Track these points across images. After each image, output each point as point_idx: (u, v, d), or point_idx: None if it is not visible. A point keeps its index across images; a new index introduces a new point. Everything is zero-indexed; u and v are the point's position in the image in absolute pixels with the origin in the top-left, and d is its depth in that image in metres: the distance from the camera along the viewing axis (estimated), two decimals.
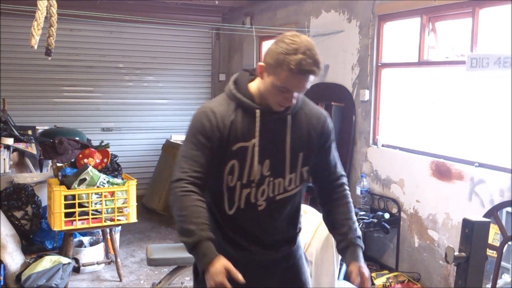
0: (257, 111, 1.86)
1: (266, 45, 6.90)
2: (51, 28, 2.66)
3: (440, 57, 4.17)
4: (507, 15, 3.49)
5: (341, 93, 5.06)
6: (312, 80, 1.80)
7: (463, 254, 1.82)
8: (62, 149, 5.02)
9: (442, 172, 3.91)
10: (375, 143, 4.66)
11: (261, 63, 1.83)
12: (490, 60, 3.41)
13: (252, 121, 1.87)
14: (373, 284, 4.00)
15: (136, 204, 4.32)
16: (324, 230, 2.84)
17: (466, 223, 1.83)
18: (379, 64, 4.63)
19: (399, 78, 4.71)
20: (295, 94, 1.81)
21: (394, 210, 4.39)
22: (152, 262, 3.71)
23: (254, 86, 1.91)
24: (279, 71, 1.75)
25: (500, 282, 3.38)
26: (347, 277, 4.05)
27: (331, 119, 2.05)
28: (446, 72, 4.26)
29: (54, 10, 2.67)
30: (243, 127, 1.86)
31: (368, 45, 4.68)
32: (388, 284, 3.93)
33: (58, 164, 4.51)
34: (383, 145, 4.61)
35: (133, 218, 4.30)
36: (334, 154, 2.05)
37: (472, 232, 1.82)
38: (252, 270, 1.93)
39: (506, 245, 3.35)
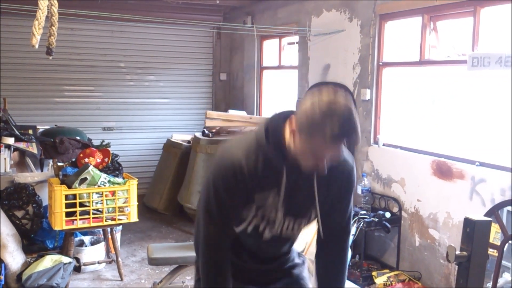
0: (284, 172, 1.76)
1: (267, 44, 6.90)
2: (52, 27, 2.66)
3: (441, 57, 4.17)
4: (508, 14, 3.48)
5: None
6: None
7: (464, 253, 1.82)
8: (63, 149, 5.03)
9: (443, 171, 3.91)
10: (376, 142, 4.66)
11: (293, 121, 1.68)
12: (491, 59, 3.41)
13: (277, 173, 1.77)
14: (374, 283, 4.01)
15: (137, 203, 4.32)
16: None
17: (467, 222, 1.83)
18: (380, 63, 4.63)
19: (400, 77, 4.70)
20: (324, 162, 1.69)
21: (395, 209, 4.39)
22: (153, 262, 3.71)
23: (288, 140, 1.73)
24: (313, 138, 1.61)
25: (501, 281, 3.38)
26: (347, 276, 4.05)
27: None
28: (447, 71, 4.26)
29: (55, 9, 2.67)
30: (268, 178, 1.78)
31: (369, 44, 4.67)
32: (389, 283, 3.93)
33: (59, 164, 4.51)
34: (384, 144, 4.61)
35: (134, 217, 4.30)
36: (351, 205, 1.97)
37: (473, 231, 1.81)
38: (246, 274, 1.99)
39: (507, 244, 3.35)
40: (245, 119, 5.95)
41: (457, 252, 1.82)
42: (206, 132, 5.88)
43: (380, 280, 3.98)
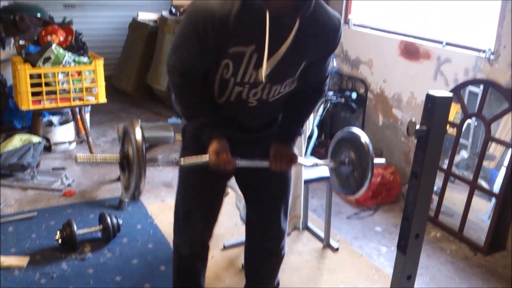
0: (267, 15, 1.68)
1: None
2: None
3: None
4: None
5: None
6: None
7: (424, 127, 1.89)
8: (23, 26, 4.80)
9: (410, 52, 3.94)
10: (346, 22, 4.61)
11: None
12: None
13: (257, 25, 1.70)
14: None
15: (104, 84, 4.27)
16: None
17: (429, 98, 1.88)
18: None
19: None
20: None
21: (362, 90, 4.47)
22: None
23: None
24: None
25: (457, 158, 3.58)
26: (312, 153, 4.21)
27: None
28: None
29: None
30: (245, 30, 1.72)
31: None
32: None
33: (21, 42, 4.35)
34: (354, 25, 4.57)
35: (102, 98, 4.27)
36: (328, 64, 2.00)
37: (434, 107, 1.88)
38: (234, 143, 1.96)
39: (466, 123, 3.50)
40: None
41: (417, 127, 1.89)
42: (174, 11, 5.68)
43: None
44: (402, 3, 4.30)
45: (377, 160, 1.99)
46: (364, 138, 1.99)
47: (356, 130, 2.03)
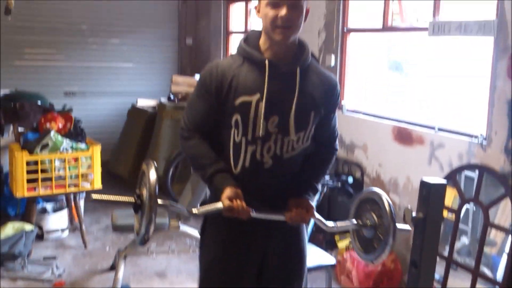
0: (266, 62, 1.86)
1: (234, 8, 6.80)
2: None
3: (404, 23, 4.20)
4: None
5: None
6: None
7: (420, 214, 1.88)
8: (23, 114, 4.89)
9: (403, 137, 3.99)
10: (340, 108, 4.71)
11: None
12: (451, 26, 3.45)
13: (259, 75, 1.87)
14: (336, 247, 4.11)
15: (101, 170, 4.28)
16: None
17: (423, 185, 1.88)
18: (345, 29, 4.63)
19: (364, 44, 4.73)
20: (288, 15, 1.81)
21: (358, 175, 4.47)
22: (117, 228, 3.71)
23: (262, 39, 1.92)
24: None
25: (458, 244, 3.51)
26: (310, 240, 4.14)
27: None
28: (410, 38, 4.30)
29: None
30: (248, 81, 1.86)
31: (334, 10, 4.66)
32: (351, 246, 4.04)
33: (20, 129, 4.41)
34: (347, 110, 4.66)
35: (98, 184, 4.26)
36: (336, 122, 2.09)
37: (429, 194, 1.87)
38: (252, 226, 1.94)
39: (464, 208, 3.47)
40: None
41: (414, 214, 1.87)
42: (172, 97, 5.82)
43: (342, 244, 4.08)
44: (394, 89, 4.43)
45: (401, 226, 1.92)
46: (387, 200, 1.94)
47: (378, 190, 1.99)
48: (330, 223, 2.04)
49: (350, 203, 4.52)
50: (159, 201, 1.76)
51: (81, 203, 4.72)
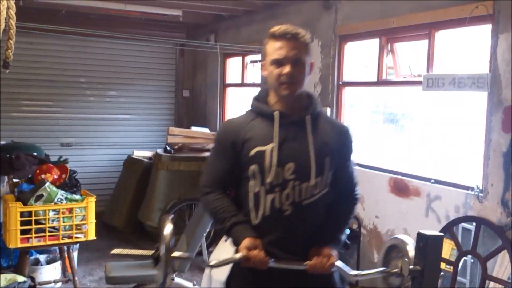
0: (275, 113, 1.96)
1: (230, 62, 6.95)
2: (10, 41, 2.63)
3: (398, 77, 4.29)
4: (462, 37, 3.63)
5: None
6: (296, 48, 1.95)
7: (417, 267, 1.86)
8: (19, 165, 4.88)
9: (400, 189, 3.99)
10: None
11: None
12: (445, 80, 3.53)
13: (270, 126, 1.96)
14: None
15: (95, 221, 4.24)
16: None
17: (420, 237, 1.88)
18: (340, 82, 4.72)
19: (359, 97, 4.81)
20: (291, 71, 1.92)
21: (355, 226, 4.45)
22: (111, 280, 3.64)
23: (271, 95, 2.05)
24: (267, 47, 2.00)
25: None
26: None
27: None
28: (404, 92, 4.38)
29: (12, 22, 2.63)
30: (261, 133, 1.96)
31: (329, 64, 4.77)
32: None
33: (15, 180, 4.39)
34: None
35: (92, 235, 4.20)
36: (353, 169, 2.12)
37: (426, 246, 1.86)
38: (279, 278, 1.95)
39: (462, 260, 3.44)
40: (208, 136, 5.96)
41: (411, 267, 1.86)
42: (168, 148, 5.84)
43: None
44: (389, 141, 4.47)
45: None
46: (413, 245, 1.92)
47: (404, 237, 1.97)
48: (353, 272, 2.00)
49: (348, 255, 4.49)
50: (175, 254, 1.82)
51: (75, 255, 4.65)
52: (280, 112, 1.97)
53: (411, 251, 1.93)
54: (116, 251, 1.77)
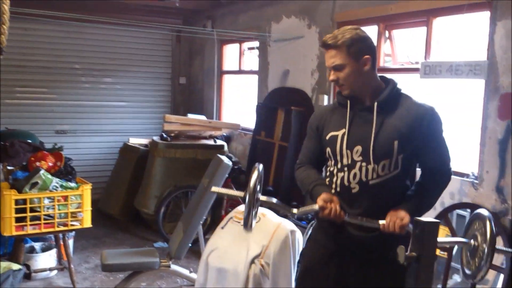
0: (348, 102, 2.19)
1: (228, 48, 6.91)
2: (3, 25, 2.59)
3: (396, 64, 4.27)
4: (460, 24, 3.61)
5: (301, 98, 5.11)
6: (334, 56, 2.12)
7: (413, 253, 1.86)
8: (13, 152, 4.86)
9: None
10: None
11: None
12: (442, 67, 3.52)
13: (345, 114, 2.19)
14: None
15: (91, 208, 4.23)
16: (281, 232, 2.85)
17: (417, 223, 1.87)
18: None
19: None
20: (333, 75, 2.14)
21: None
22: (107, 268, 3.63)
23: None
24: None
25: (450, 282, 3.48)
26: None
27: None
28: (401, 79, 4.36)
29: (6, 7, 2.60)
30: (337, 120, 2.22)
31: None
32: None
33: (9, 168, 4.37)
34: None
35: (87, 223, 4.20)
36: (443, 149, 2.21)
37: (422, 232, 1.86)
38: (347, 252, 2.22)
39: (456, 246, 3.45)
40: (204, 123, 5.93)
41: (407, 253, 1.86)
42: (165, 136, 5.82)
43: None
44: None
45: (501, 247, 1.95)
46: (489, 220, 1.92)
47: (484, 212, 1.97)
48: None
49: None
50: (260, 197, 2.10)
51: (70, 242, 4.65)
52: (351, 102, 2.17)
53: (488, 225, 1.91)
54: (215, 189, 2.40)
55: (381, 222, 2.07)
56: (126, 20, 6.14)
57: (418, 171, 2.26)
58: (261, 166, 2.13)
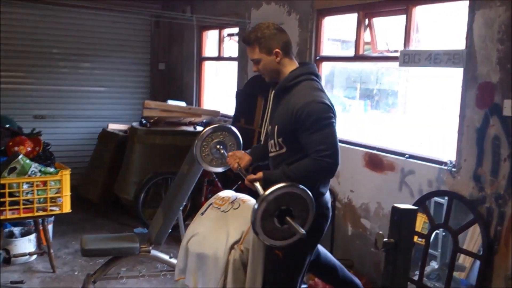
0: (271, 86, 2.70)
1: (207, 35, 6.86)
2: None
3: (375, 53, 4.30)
4: (439, 13, 3.65)
5: None
6: (250, 52, 2.60)
7: (391, 240, 1.90)
8: None
9: (374, 163, 4.05)
10: None
11: None
12: (421, 56, 3.56)
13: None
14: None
15: (70, 194, 4.20)
16: None
17: (395, 210, 1.91)
18: (318, 57, 4.72)
19: (337, 73, 4.83)
20: (255, 67, 2.60)
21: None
22: (87, 253, 3.63)
23: None
24: None
25: (428, 269, 3.56)
26: None
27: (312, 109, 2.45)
28: (381, 67, 4.41)
29: None
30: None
31: (307, 39, 4.75)
32: None
33: None
34: None
35: (67, 208, 4.18)
36: (312, 140, 2.44)
37: (400, 219, 1.90)
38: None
39: (434, 233, 3.52)
40: (184, 110, 5.91)
41: (385, 239, 1.90)
42: (144, 122, 5.78)
43: None
44: (365, 116, 4.51)
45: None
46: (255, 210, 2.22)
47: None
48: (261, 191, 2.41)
49: None
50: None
51: (50, 227, 4.62)
52: (273, 86, 2.66)
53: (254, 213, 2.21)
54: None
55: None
56: (104, 3, 6.05)
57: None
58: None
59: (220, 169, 3.14)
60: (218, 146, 3.02)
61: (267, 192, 2.15)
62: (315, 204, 2.38)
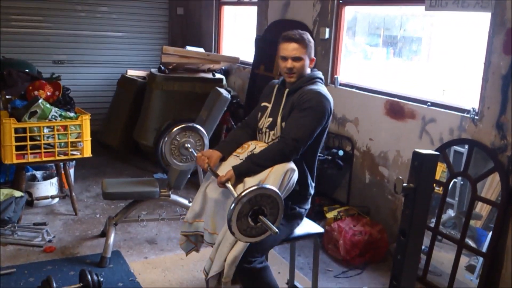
0: (276, 86, 2.84)
1: None
2: None
3: None
4: None
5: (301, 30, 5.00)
6: (296, 49, 2.65)
7: (411, 185, 1.89)
8: (11, 81, 4.83)
9: (395, 111, 4.00)
10: (333, 82, 4.69)
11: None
12: (448, 0, 3.43)
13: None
14: (325, 217, 4.15)
15: (90, 139, 4.25)
16: (280, 168, 2.85)
17: (416, 155, 1.89)
18: (341, 1, 4.58)
19: (360, 18, 4.69)
20: (291, 64, 2.65)
21: (348, 148, 4.49)
22: (108, 196, 3.71)
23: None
24: (279, 46, 2.72)
25: (444, 217, 3.56)
26: None
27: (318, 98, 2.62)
28: (405, 12, 4.28)
29: None
30: (267, 95, 2.89)
31: None
32: (339, 217, 4.08)
33: (8, 97, 4.35)
34: (340, 84, 4.65)
35: (87, 152, 4.24)
36: (292, 120, 2.61)
37: (421, 165, 1.88)
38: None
39: (452, 182, 3.51)
40: (203, 56, 5.85)
41: (404, 184, 1.89)
42: (163, 68, 5.75)
43: (330, 214, 4.13)
44: (387, 64, 4.41)
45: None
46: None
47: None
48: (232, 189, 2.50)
49: (340, 175, 4.57)
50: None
51: (71, 171, 4.71)
52: (279, 86, 2.84)
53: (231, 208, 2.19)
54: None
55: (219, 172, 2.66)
56: None
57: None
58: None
59: (192, 166, 3.22)
60: (186, 145, 3.04)
61: (242, 194, 2.17)
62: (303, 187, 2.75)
